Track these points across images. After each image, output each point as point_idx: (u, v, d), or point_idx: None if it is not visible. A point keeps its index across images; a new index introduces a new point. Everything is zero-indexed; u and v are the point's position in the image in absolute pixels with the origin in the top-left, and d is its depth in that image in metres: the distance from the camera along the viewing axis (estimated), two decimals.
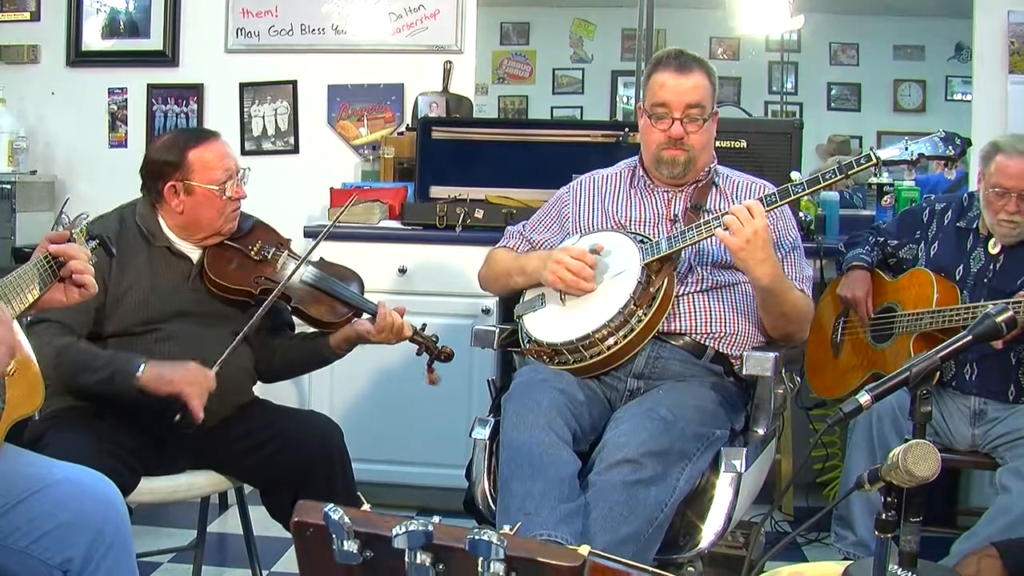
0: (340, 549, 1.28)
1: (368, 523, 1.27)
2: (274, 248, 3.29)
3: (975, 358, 3.67)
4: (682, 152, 3.20)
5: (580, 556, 1.13)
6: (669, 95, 3.17)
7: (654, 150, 3.23)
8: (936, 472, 1.90)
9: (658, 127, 3.19)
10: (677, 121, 3.16)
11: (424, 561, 1.25)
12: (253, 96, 5.37)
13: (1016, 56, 5.06)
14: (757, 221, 2.89)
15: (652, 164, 3.26)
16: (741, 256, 2.91)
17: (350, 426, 4.02)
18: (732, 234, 2.90)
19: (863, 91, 10.58)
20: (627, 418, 2.88)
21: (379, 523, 1.26)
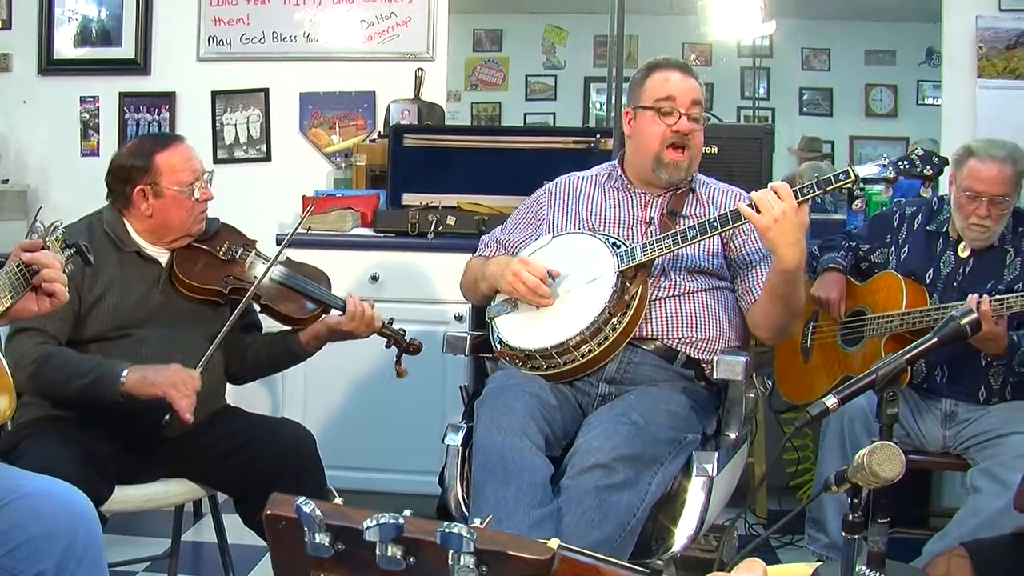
0: (312, 542, 1.28)
1: (339, 516, 1.27)
2: (241, 248, 3.33)
3: (945, 360, 3.70)
4: (685, 155, 3.20)
5: (550, 549, 1.14)
6: (676, 89, 3.19)
7: (657, 148, 3.21)
8: (900, 473, 1.91)
9: (664, 121, 3.19)
10: (684, 116, 3.18)
11: (395, 554, 1.25)
12: (225, 104, 5.36)
13: (984, 61, 5.10)
14: (787, 203, 2.85)
15: (651, 165, 3.24)
16: (769, 236, 2.87)
17: (323, 433, 4.05)
18: (761, 213, 2.87)
19: (835, 96, 10.64)
20: (599, 423, 2.89)
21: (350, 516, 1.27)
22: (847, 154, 10.52)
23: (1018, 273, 3.65)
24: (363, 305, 3.31)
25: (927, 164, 3.01)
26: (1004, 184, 3.56)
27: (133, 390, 2.89)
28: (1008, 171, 3.57)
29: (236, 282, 3.25)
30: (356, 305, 3.30)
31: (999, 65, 5.09)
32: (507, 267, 3.15)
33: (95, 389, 2.90)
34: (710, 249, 3.21)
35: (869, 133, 10.50)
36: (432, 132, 4.91)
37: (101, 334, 3.07)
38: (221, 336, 3.10)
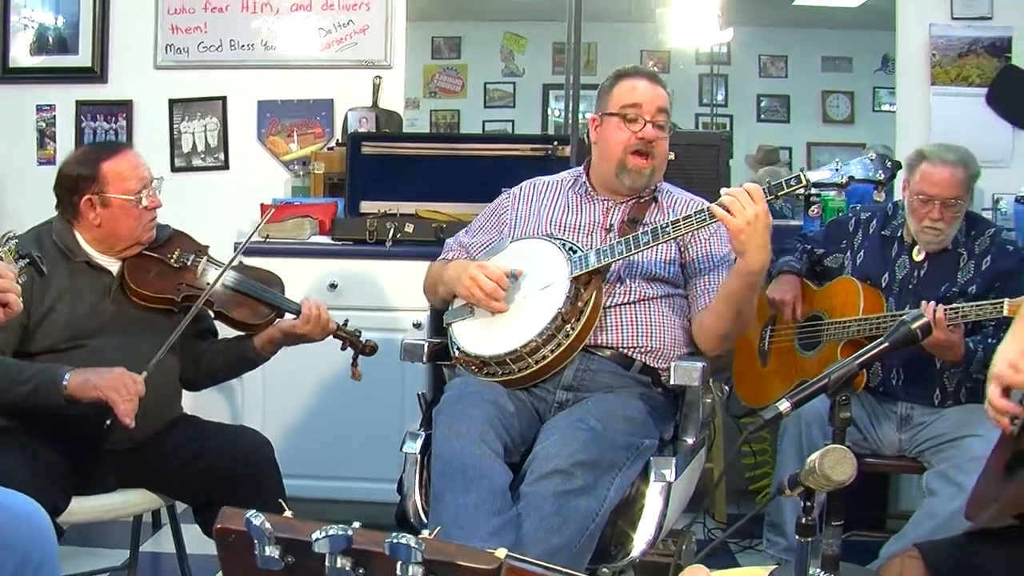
0: (262, 555, 1.29)
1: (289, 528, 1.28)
2: (193, 255, 3.31)
3: (901, 364, 3.74)
4: (648, 162, 3.22)
5: (497, 559, 1.16)
6: (642, 97, 3.21)
7: (620, 154, 3.22)
8: (852, 476, 1.93)
9: (629, 128, 3.20)
10: (649, 123, 3.19)
11: (344, 565, 1.26)
12: (183, 112, 5.33)
13: (938, 68, 5.15)
14: (758, 205, 2.87)
15: (615, 171, 3.25)
16: (741, 239, 2.88)
17: (282, 441, 4.04)
18: (732, 214, 2.88)
19: (792, 102, 10.71)
20: (557, 429, 2.89)
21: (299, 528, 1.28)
22: (805, 160, 10.58)
23: (971, 276, 3.70)
24: (318, 308, 3.31)
25: (880, 168, 3.04)
26: (956, 187, 3.61)
27: (76, 393, 2.87)
28: (959, 174, 3.61)
29: (189, 289, 3.23)
30: (311, 308, 3.30)
31: (952, 72, 5.15)
32: (464, 271, 3.16)
33: (37, 395, 2.87)
34: (666, 256, 3.22)
35: (826, 139, 10.56)
36: (390, 140, 4.92)
37: (53, 346, 3.05)
38: (169, 342, 3.07)
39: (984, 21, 5.14)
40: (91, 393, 2.87)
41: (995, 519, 2.38)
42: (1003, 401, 2.34)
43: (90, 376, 2.89)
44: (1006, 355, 2.39)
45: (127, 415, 2.86)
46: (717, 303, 3.13)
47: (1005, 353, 2.40)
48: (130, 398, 2.88)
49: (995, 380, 2.37)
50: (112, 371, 2.92)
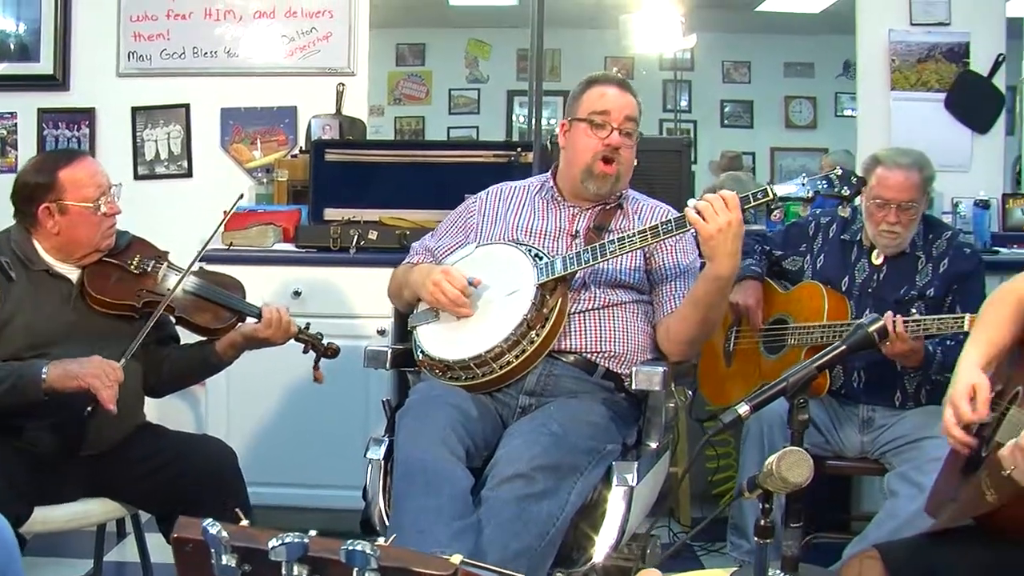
0: (219, 564, 1.29)
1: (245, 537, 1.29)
2: (153, 261, 3.30)
3: (862, 367, 3.77)
4: (614, 169, 3.24)
5: (452, 565, 1.17)
6: (611, 104, 3.23)
7: (588, 160, 3.24)
8: (808, 478, 1.95)
9: (596, 135, 3.23)
10: (616, 130, 3.21)
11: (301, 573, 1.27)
12: (145, 120, 5.32)
13: (897, 73, 5.21)
14: (732, 213, 2.89)
15: (580, 176, 3.27)
16: (711, 244, 2.91)
17: (247, 449, 4.03)
18: (706, 220, 2.90)
19: (755, 108, 10.77)
20: (519, 433, 2.91)
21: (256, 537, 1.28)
22: (768, 165, 10.65)
23: (929, 279, 3.74)
24: (279, 311, 3.31)
25: (845, 184, 3.07)
26: (911, 190, 3.65)
27: (56, 385, 2.87)
28: (915, 178, 3.66)
29: (149, 295, 3.22)
30: (271, 312, 3.30)
31: (911, 77, 5.20)
32: (428, 276, 3.16)
33: (16, 393, 2.87)
34: (631, 263, 3.24)
35: (789, 144, 10.63)
36: (353, 147, 4.90)
37: (14, 355, 3.03)
38: (135, 344, 3.07)
39: (942, 27, 5.20)
40: (72, 383, 2.87)
41: (954, 519, 2.41)
42: (960, 431, 2.36)
43: (69, 366, 2.89)
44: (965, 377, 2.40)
45: (110, 401, 2.87)
46: (684, 307, 3.16)
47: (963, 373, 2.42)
48: (111, 384, 2.89)
49: (950, 405, 2.39)
50: (90, 360, 2.93)
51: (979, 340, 2.51)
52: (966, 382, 2.37)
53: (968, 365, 2.43)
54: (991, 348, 2.47)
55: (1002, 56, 5.21)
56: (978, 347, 2.48)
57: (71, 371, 2.88)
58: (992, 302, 2.60)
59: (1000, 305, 2.56)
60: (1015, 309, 2.52)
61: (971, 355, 2.46)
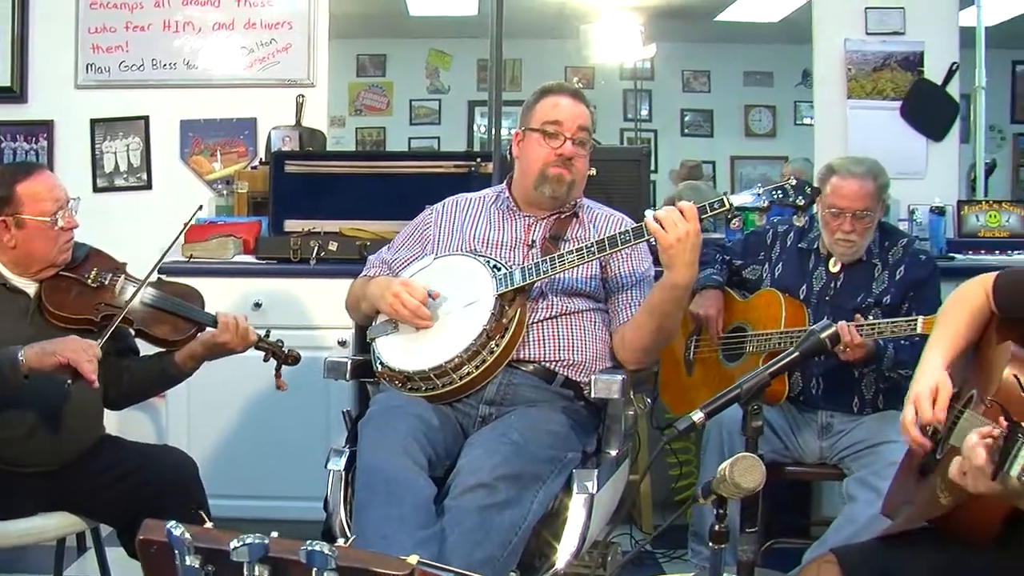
0: (183, 565, 1.31)
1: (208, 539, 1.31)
2: (111, 273, 3.28)
3: (820, 373, 3.80)
4: (569, 172, 3.26)
5: (409, 565, 1.18)
6: (564, 114, 3.25)
7: (540, 168, 3.26)
8: (761, 484, 1.97)
9: (549, 144, 3.25)
10: (569, 140, 3.24)
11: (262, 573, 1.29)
12: (104, 132, 5.29)
13: (853, 82, 5.27)
14: (690, 224, 2.94)
15: (534, 183, 3.29)
16: (671, 254, 2.95)
17: (208, 461, 4.02)
18: (666, 230, 2.94)
19: (715, 117, 10.86)
20: (480, 443, 2.92)
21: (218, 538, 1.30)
22: (728, 174, 10.73)
23: (886, 286, 3.78)
24: (235, 317, 3.30)
25: (800, 194, 3.10)
26: (865, 199, 3.70)
27: (35, 365, 2.85)
28: (869, 186, 3.70)
29: (107, 308, 3.21)
30: (227, 317, 3.28)
31: (867, 86, 5.26)
32: (387, 288, 3.17)
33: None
34: (588, 272, 3.26)
35: (749, 153, 10.72)
36: (313, 158, 4.90)
37: None
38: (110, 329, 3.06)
39: (897, 36, 5.27)
40: (51, 360, 2.85)
41: (909, 522, 2.43)
42: (917, 432, 2.39)
43: (45, 346, 2.88)
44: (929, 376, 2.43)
45: (92, 372, 2.86)
46: (641, 315, 3.18)
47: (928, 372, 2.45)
48: (91, 359, 2.87)
49: (913, 402, 2.41)
50: (66, 338, 2.93)
51: (941, 341, 2.53)
52: (930, 381, 2.40)
53: (933, 365, 2.46)
54: (953, 350, 2.51)
55: (956, 65, 5.28)
56: (941, 347, 2.51)
57: (48, 349, 2.87)
58: (951, 305, 2.63)
59: (958, 308, 2.59)
60: (971, 313, 2.55)
61: (935, 355, 2.49)
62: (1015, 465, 1.80)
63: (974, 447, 1.95)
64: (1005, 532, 2.21)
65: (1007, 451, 1.83)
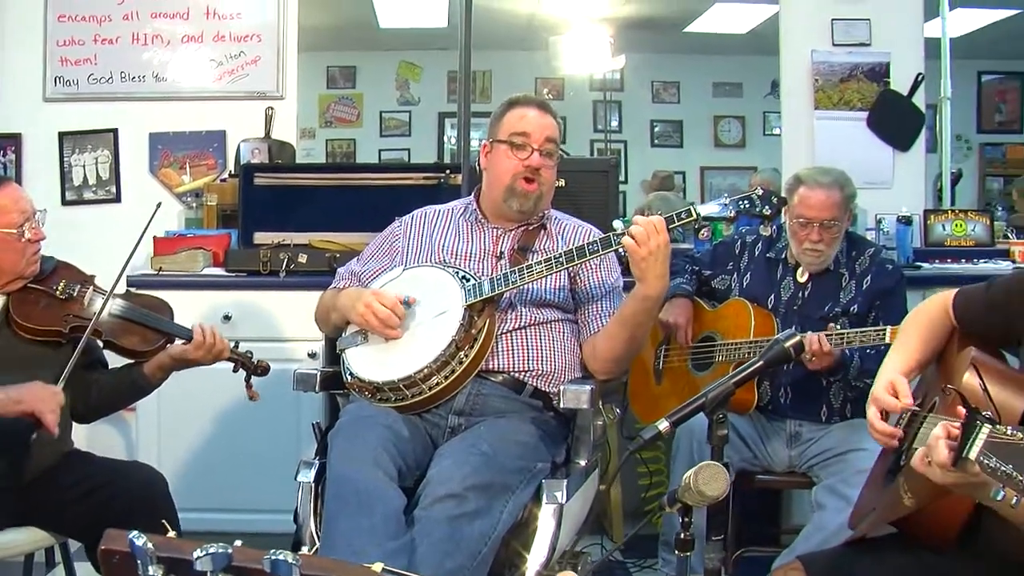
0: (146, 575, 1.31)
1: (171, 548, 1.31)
2: (79, 285, 3.27)
3: (789, 382, 3.82)
4: (536, 186, 3.28)
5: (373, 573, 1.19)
6: (531, 126, 3.28)
7: (508, 180, 3.28)
8: (725, 492, 1.99)
9: (516, 156, 3.27)
10: (536, 151, 3.25)
11: None
12: (73, 145, 5.28)
13: (820, 93, 5.31)
14: (660, 236, 2.97)
15: (502, 196, 3.31)
16: (642, 266, 2.98)
17: (177, 475, 4.01)
18: (638, 243, 2.97)
19: (685, 127, 10.92)
20: (450, 453, 2.92)
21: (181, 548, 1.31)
22: (698, 184, 10.78)
23: (853, 295, 3.81)
24: (212, 335, 3.30)
25: (766, 204, 3.14)
26: (832, 209, 3.72)
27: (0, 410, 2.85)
28: (836, 196, 3.72)
29: (76, 320, 3.20)
30: (203, 334, 3.28)
31: (834, 97, 5.30)
32: (358, 298, 3.17)
33: None
34: (556, 283, 3.27)
35: (719, 163, 10.79)
36: (283, 170, 4.91)
37: None
38: (66, 374, 3.04)
39: (863, 47, 5.32)
40: (15, 408, 2.86)
41: (874, 525, 2.46)
42: (882, 424, 2.43)
43: (11, 393, 2.87)
44: (885, 377, 2.48)
45: (54, 425, 2.87)
46: (612, 326, 3.20)
47: (884, 375, 2.49)
48: (54, 408, 2.88)
49: (873, 402, 2.45)
50: (31, 385, 2.92)
51: (899, 351, 2.59)
52: (884, 382, 2.44)
53: (888, 369, 2.50)
54: (910, 360, 2.55)
55: (921, 75, 5.33)
56: (899, 356, 2.56)
57: (13, 396, 2.87)
58: (911, 319, 2.68)
59: (917, 322, 2.64)
60: (928, 327, 2.60)
61: (892, 362, 2.54)
62: (973, 448, 1.83)
63: (936, 440, 1.98)
64: (965, 534, 2.24)
65: (966, 436, 1.86)
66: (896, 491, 2.33)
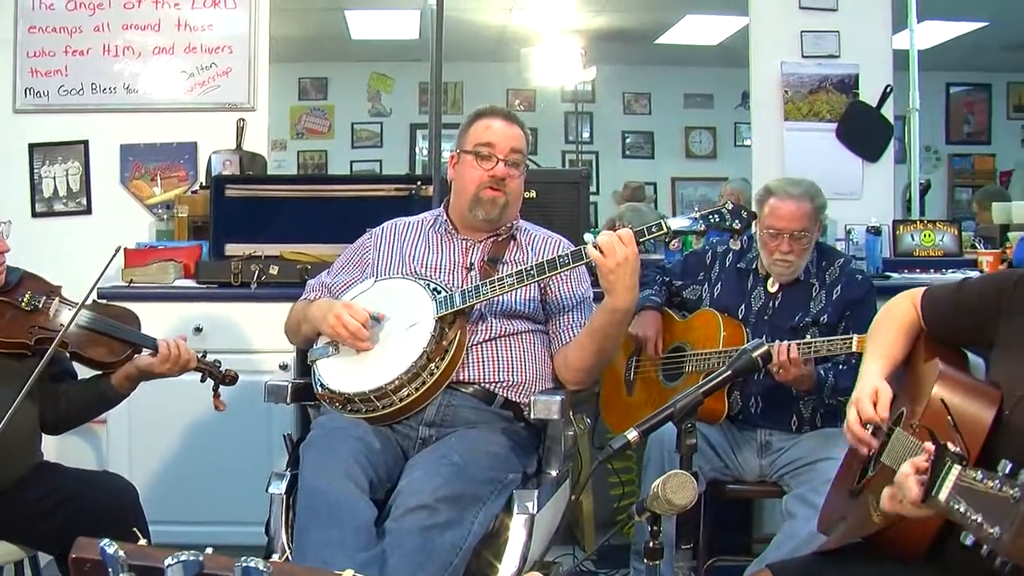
0: None
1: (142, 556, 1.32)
2: (45, 296, 3.25)
3: (759, 392, 3.84)
4: (502, 194, 3.29)
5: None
6: (496, 137, 3.30)
7: (474, 190, 3.30)
8: (693, 500, 2.00)
9: (482, 166, 3.28)
10: (501, 162, 3.27)
11: None
12: (43, 157, 5.25)
13: (790, 104, 5.34)
14: (629, 248, 2.98)
15: (468, 205, 3.32)
16: (611, 278, 2.99)
17: (149, 487, 3.99)
18: (605, 256, 2.98)
19: (656, 139, 10.96)
20: (421, 465, 2.93)
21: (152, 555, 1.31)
22: (669, 195, 10.82)
23: (823, 305, 3.83)
24: (177, 347, 3.29)
25: (735, 218, 3.15)
26: (802, 219, 3.74)
27: None
28: (806, 207, 3.75)
29: (42, 331, 3.18)
30: (169, 347, 3.27)
31: (803, 108, 5.33)
32: (329, 310, 3.18)
33: None
34: (527, 294, 3.29)
35: (690, 174, 10.83)
36: (254, 182, 4.91)
37: None
38: (26, 389, 2.99)
39: (832, 59, 5.35)
40: None
41: (845, 538, 2.47)
42: (861, 430, 2.44)
43: None
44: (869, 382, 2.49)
45: None
46: (583, 336, 3.22)
47: (868, 380, 2.50)
48: None
49: (855, 404, 2.46)
50: None
51: (877, 354, 2.60)
52: (869, 387, 2.46)
53: (872, 373, 2.52)
54: (889, 362, 2.56)
55: (890, 87, 5.37)
56: (878, 360, 2.57)
57: None
58: (883, 320, 2.70)
59: (890, 323, 2.65)
60: (901, 328, 2.61)
61: (874, 366, 2.55)
62: (943, 489, 1.84)
63: (905, 478, 1.99)
64: (934, 546, 2.25)
65: (935, 475, 1.87)
66: (865, 507, 2.35)
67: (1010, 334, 2.39)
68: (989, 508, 1.75)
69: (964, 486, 1.81)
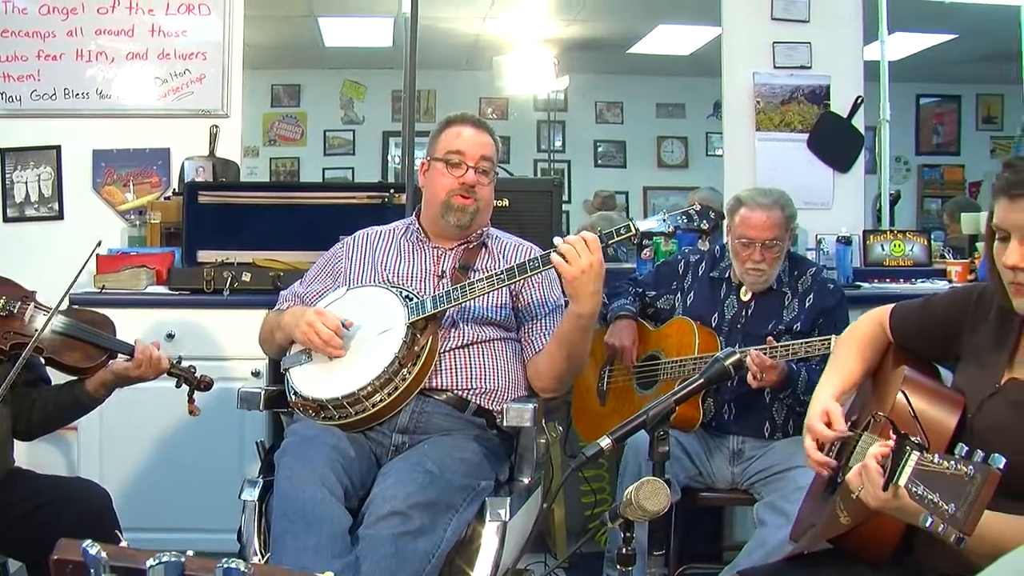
0: None
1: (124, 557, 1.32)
2: (19, 302, 3.23)
3: (732, 399, 3.87)
4: (472, 201, 3.31)
5: None
6: (465, 144, 3.32)
7: (444, 197, 3.32)
8: (666, 507, 2.02)
9: (452, 173, 3.30)
10: (471, 169, 3.29)
11: None
12: (15, 162, 5.23)
13: (762, 115, 5.37)
14: (594, 255, 2.98)
15: (439, 212, 3.34)
16: (575, 285, 2.99)
17: (121, 493, 3.97)
18: (569, 263, 2.98)
19: (628, 148, 10.99)
20: (394, 472, 2.93)
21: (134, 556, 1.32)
22: (641, 204, 10.85)
23: (796, 313, 3.86)
24: (150, 349, 3.28)
25: (704, 219, 3.18)
26: (773, 229, 3.78)
27: None
28: (776, 216, 3.78)
29: (16, 337, 3.16)
30: (143, 351, 3.26)
31: (775, 118, 5.37)
32: (302, 318, 3.18)
33: None
34: (498, 300, 3.30)
35: (662, 184, 10.86)
36: (226, 189, 4.90)
37: None
38: (8, 382, 2.99)
39: (804, 70, 5.40)
40: None
41: (813, 542, 2.49)
42: (818, 454, 2.46)
43: None
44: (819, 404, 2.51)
45: None
46: (551, 345, 3.23)
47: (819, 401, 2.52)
48: None
49: (808, 431, 2.48)
50: None
51: (831, 375, 2.63)
52: (818, 409, 2.48)
53: (822, 396, 2.54)
54: (843, 383, 2.59)
55: (861, 98, 5.42)
56: (830, 381, 2.60)
57: None
58: (843, 341, 2.74)
59: (848, 343, 2.69)
60: (859, 347, 2.65)
61: (824, 387, 2.58)
62: (903, 475, 1.88)
63: (868, 469, 2.02)
64: (900, 550, 2.28)
65: (896, 462, 1.91)
66: (833, 509, 2.37)
67: (974, 344, 2.43)
68: (945, 487, 1.80)
69: (922, 470, 1.86)
